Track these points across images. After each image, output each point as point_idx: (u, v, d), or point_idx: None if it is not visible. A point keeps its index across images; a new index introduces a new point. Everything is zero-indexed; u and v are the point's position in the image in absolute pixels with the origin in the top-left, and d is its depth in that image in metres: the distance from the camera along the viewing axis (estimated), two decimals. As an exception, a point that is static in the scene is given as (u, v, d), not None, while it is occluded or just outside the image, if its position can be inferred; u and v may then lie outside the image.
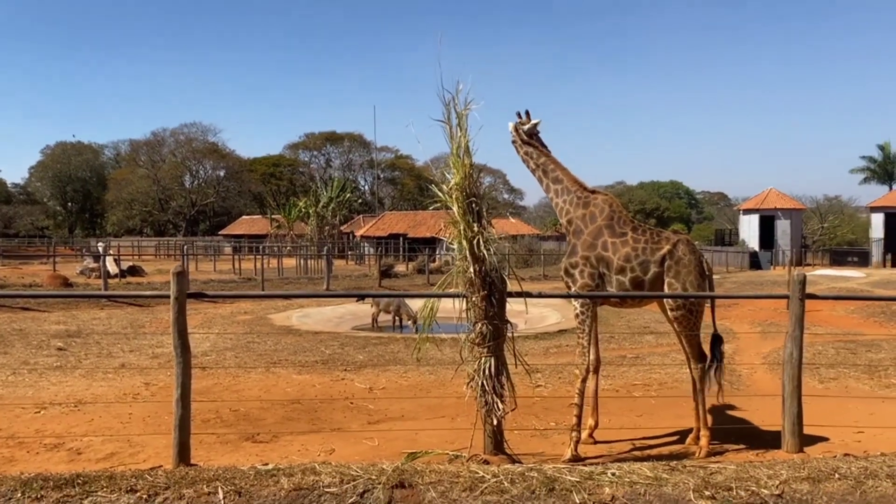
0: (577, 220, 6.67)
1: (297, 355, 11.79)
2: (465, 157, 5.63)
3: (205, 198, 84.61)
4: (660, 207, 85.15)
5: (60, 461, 6.12)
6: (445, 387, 9.01)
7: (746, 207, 54.53)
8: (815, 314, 16.32)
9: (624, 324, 15.28)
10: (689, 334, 6.49)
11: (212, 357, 11.44)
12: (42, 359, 11.09)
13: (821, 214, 64.57)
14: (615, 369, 10.40)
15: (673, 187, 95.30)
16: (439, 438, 6.64)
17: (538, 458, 6.00)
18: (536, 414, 7.81)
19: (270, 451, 6.49)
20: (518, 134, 6.91)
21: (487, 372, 5.53)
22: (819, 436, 6.63)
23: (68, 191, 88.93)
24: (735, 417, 7.75)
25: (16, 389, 8.97)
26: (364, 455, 6.18)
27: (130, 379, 9.65)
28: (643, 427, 7.34)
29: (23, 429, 7.14)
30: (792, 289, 5.88)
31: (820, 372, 10.11)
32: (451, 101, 5.57)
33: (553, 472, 4.58)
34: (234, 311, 18.09)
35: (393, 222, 58.37)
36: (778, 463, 4.99)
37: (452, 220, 5.70)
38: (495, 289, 5.62)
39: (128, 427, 7.26)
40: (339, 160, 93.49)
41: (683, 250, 6.40)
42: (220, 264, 38.79)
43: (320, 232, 42.36)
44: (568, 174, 6.81)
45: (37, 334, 13.74)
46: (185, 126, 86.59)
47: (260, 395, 8.88)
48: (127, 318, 16.43)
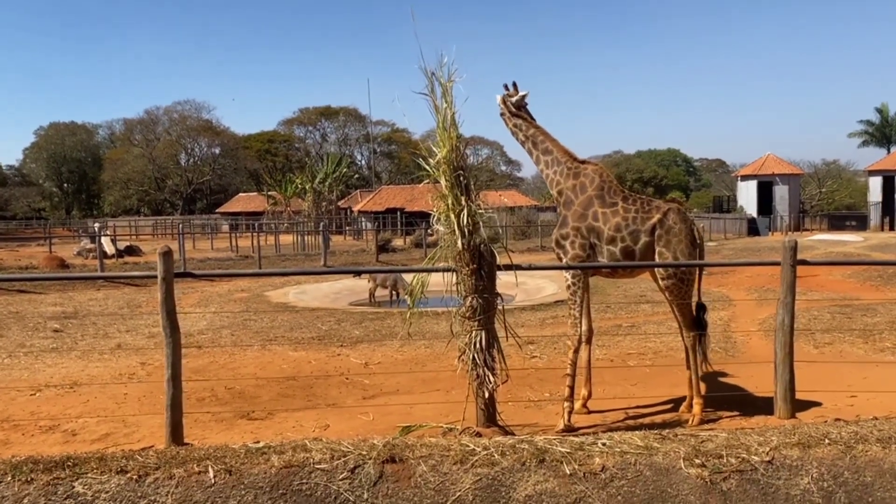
0: (567, 190, 6.62)
1: (294, 332, 11.80)
2: (452, 130, 5.55)
3: (201, 176, 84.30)
4: (657, 175, 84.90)
5: (55, 443, 6.14)
6: (440, 360, 9.02)
7: (744, 174, 54.34)
8: (811, 279, 16.33)
9: (620, 293, 15.29)
10: (680, 303, 6.47)
11: (208, 335, 11.45)
12: (38, 341, 11.10)
13: (819, 179, 64.42)
14: (610, 339, 10.42)
15: (670, 155, 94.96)
16: (434, 412, 6.66)
17: (532, 428, 6.02)
18: (531, 385, 7.83)
19: (265, 428, 6.51)
20: (506, 106, 6.83)
21: (478, 345, 5.52)
22: (812, 401, 6.65)
23: (64, 172, 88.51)
24: (729, 385, 7.78)
25: (11, 372, 8.98)
26: (358, 430, 6.19)
27: (126, 359, 9.66)
28: (637, 396, 7.36)
29: (18, 411, 7.15)
30: (783, 255, 5.85)
31: (815, 337, 10.13)
32: (433, 74, 5.48)
33: (544, 444, 4.58)
34: (230, 288, 18.09)
35: (390, 196, 58.23)
36: (769, 429, 4.99)
37: (440, 194, 5.65)
38: (484, 262, 5.58)
39: (123, 407, 7.28)
40: (335, 135, 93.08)
41: (674, 219, 6.36)
42: (217, 242, 38.78)
43: (317, 208, 42.10)
44: (558, 145, 6.75)
45: (33, 316, 13.74)
46: (179, 104, 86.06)
47: (256, 372, 8.89)
48: (123, 299, 16.43)
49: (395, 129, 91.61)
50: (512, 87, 6.88)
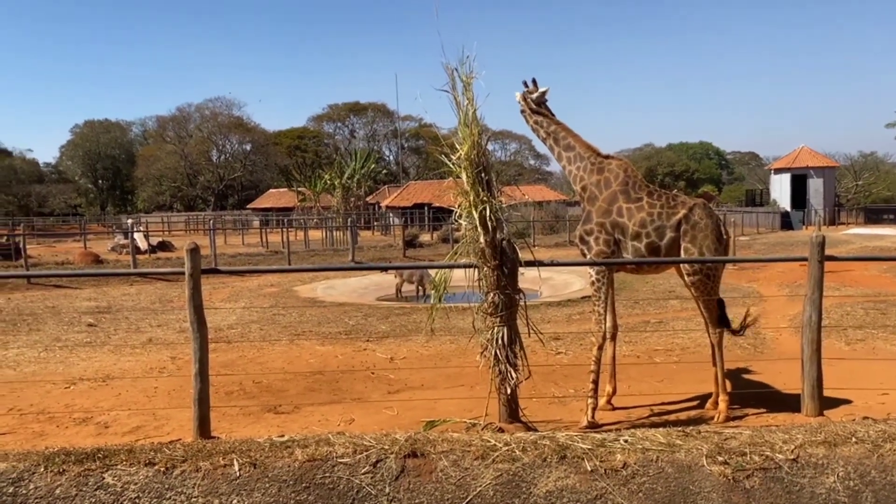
0: (591, 186, 6.58)
1: (321, 326, 11.91)
2: (473, 127, 5.56)
3: (232, 172, 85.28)
4: (689, 169, 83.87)
5: (88, 435, 6.29)
6: (465, 356, 9.04)
7: (778, 167, 53.44)
8: (845, 274, 16.03)
9: (648, 288, 15.16)
10: (706, 299, 6.41)
11: (237, 330, 11.61)
12: (73, 335, 11.36)
13: (855, 172, 63.02)
14: (637, 335, 10.35)
15: (702, 148, 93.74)
16: (457, 407, 6.69)
17: (555, 424, 6.02)
18: (556, 381, 7.82)
19: (291, 422, 6.60)
20: (527, 103, 6.81)
21: (500, 341, 5.54)
22: (841, 398, 6.56)
23: (98, 168, 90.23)
24: (757, 381, 7.69)
25: (47, 365, 9.21)
26: (383, 424, 6.25)
27: (157, 353, 9.84)
28: (663, 392, 7.31)
29: (53, 404, 7.34)
30: (810, 251, 5.76)
31: (847, 333, 9.95)
32: (455, 70, 5.49)
33: (565, 440, 4.58)
34: (260, 283, 18.31)
35: (417, 192, 58.36)
36: (795, 427, 4.93)
37: (462, 191, 5.66)
38: (507, 259, 5.59)
39: (153, 401, 7.43)
40: (363, 131, 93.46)
41: (700, 214, 6.30)
42: (248, 238, 39.25)
43: (346, 203, 42.32)
44: (580, 140, 6.72)
45: (68, 311, 14.06)
46: (210, 101, 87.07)
47: (283, 366, 9.01)
48: (156, 294, 16.73)
49: (422, 125, 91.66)
50: (532, 84, 6.86)
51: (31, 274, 8.75)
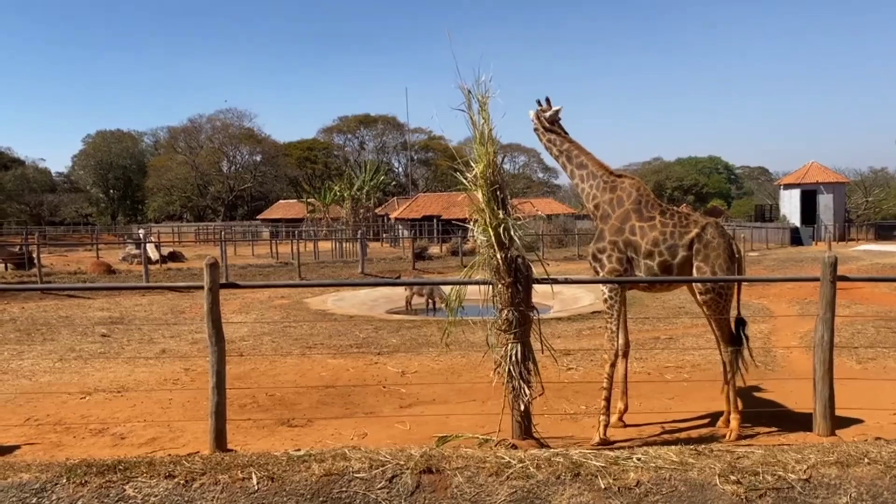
0: (604, 204, 6.65)
1: (332, 339, 11.98)
2: (489, 146, 5.64)
3: (242, 183, 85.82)
4: (698, 183, 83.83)
5: (105, 446, 6.37)
6: (476, 370, 9.10)
7: (787, 182, 53.35)
8: (856, 291, 15.99)
9: (658, 304, 15.17)
10: (718, 318, 6.45)
11: (249, 342, 11.70)
12: (87, 345, 11.47)
13: (865, 187, 62.88)
14: (648, 352, 10.37)
15: (711, 162, 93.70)
16: (470, 422, 6.73)
17: (567, 441, 6.05)
18: (567, 397, 7.85)
19: (305, 435, 6.66)
20: (540, 122, 6.90)
21: (514, 358, 5.59)
22: (853, 418, 6.57)
23: (110, 178, 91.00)
24: (768, 400, 7.69)
25: (62, 376, 9.31)
26: (396, 439, 6.30)
27: (171, 365, 9.93)
28: (674, 410, 7.34)
29: (69, 414, 7.43)
30: (823, 271, 5.79)
31: (858, 352, 9.95)
32: (470, 91, 5.58)
33: (579, 457, 4.62)
34: (271, 295, 18.40)
35: (427, 204, 58.53)
36: (807, 447, 4.95)
37: (477, 208, 5.74)
38: (521, 275, 5.65)
39: (168, 412, 7.50)
40: (373, 143, 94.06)
41: (712, 233, 6.35)
42: (258, 248, 39.42)
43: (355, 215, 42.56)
44: (592, 158, 6.79)
45: (82, 321, 14.18)
46: (221, 112, 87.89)
47: (295, 379, 9.07)
48: (168, 304, 16.85)
49: (432, 137, 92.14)
50: (545, 103, 6.95)
51: (50, 287, 8.88)
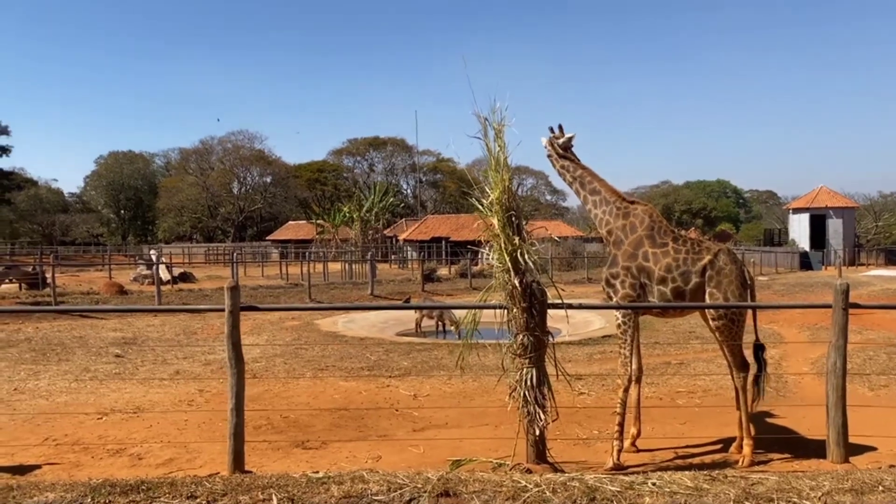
0: (617, 230, 6.74)
1: (344, 361, 12.05)
2: (504, 172, 5.75)
3: (252, 204, 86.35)
4: (707, 207, 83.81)
5: (123, 466, 6.44)
6: (489, 394, 9.14)
7: (796, 206, 53.36)
8: (867, 317, 15.95)
9: (669, 329, 15.18)
10: (731, 344, 6.50)
11: (262, 364, 11.78)
12: (101, 366, 11.57)
13: (875, 212, 62.80)
14: (659, 376, 10.39)
15: (720, 186, 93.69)
16: (483, 446, 6.78)
17: (581, 466, 6.09)
18: (580, 422, 7.89)
19: (320, 457, 6.71)
20: (553, 148, 7.03)
21: (529, 383, 5.65)
22: (867, 445, 6.58)
23: (121, 199, 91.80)
24: (781, 426, 7.70)
25: (79, 396, 9.40)
26: (410, 462, 6.35)
27: (185, 386, 10.01)
28: (686, 435, 7.36)
29: (87, 435, 7.51)
30: (835, 298, 5.85)
31: (870, 379, 9.94)
32: (487, 119, 5.72)
33: (594, 482, 4.67)
34: (282, 317, 18.49)
35: (435, 226, 58.75)
36: (821, 474, 4.99)
37: (493, 234, 5.84)
38: (536, 300, 5.73)
39: (184, 433, 7.57)
40: (382, 164, 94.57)
41: (724, 260, 6.43)
42: (267, 269, 39.61)
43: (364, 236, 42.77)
44: (605, 185, 6.89)
45: (95, 341, 14.31)
46: (233, 134, 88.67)
47: (309, 401, 9.13)
48: (180, 325, 16.96)
49: (440, 159, 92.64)
50: (558, 130, 7.08)
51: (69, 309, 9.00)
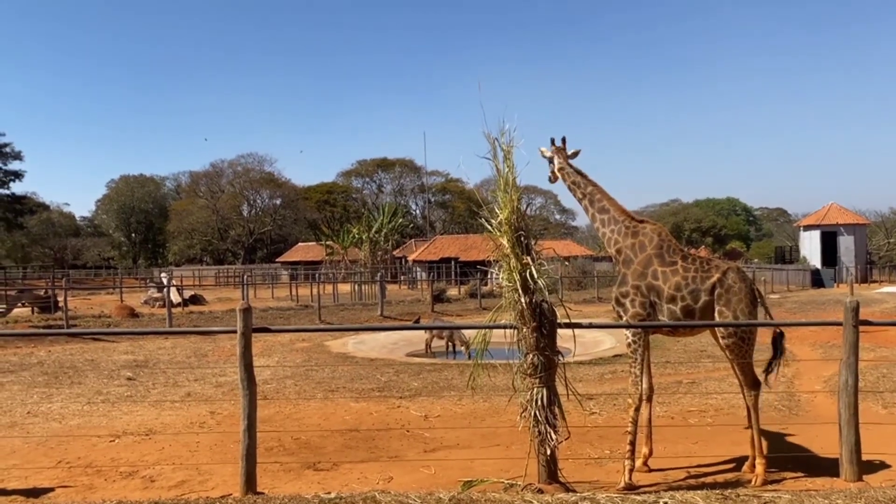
0: (626, 249, 6.76)
1: (354, 382, 12.06)
2: (513, 193, 5.81)
3: (262, 226, 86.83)
4: (716, 225, 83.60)
5: (136, 488, 6.47)
6: (500, 415, 9.13)
7: (807, 223, 53.18)
8: (880, 335, 15.85)
9: (680, 348, 15.13)
10: (741, 362, 6.49)
11: (272, 386, 11.80)
12: (113, 388, 11.63)
13: (886, 229, 62.44)
14: (670, 396, 10.35)
15: (730, 204, 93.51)
16: (494, 467, 6.77)
17: (593, 486, 6.07)
18: (591, 442, 7.86)
19: (331, 479, 6.72)
20: (566, 161, 7.05)
21: (540, 402, 5.66)
22: (881, 463, 6.54)
23: (132, 222, 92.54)
24: (793, 444, 7.66)
25: (91, 419, 9.45)
26: (421, 483, 6.35)
27: (196, 408, 10.05)
28: (698, 455, 7.32)
29: (99, 457, 7.54)
30: (845, 316, 5.85)
31: (884, 397, 9.87)
32: (496, 140, 5.79)
33: (606, 502, 4.67)
34: (292, 338, 18.54)
35: (444, 246, 58.86)
36: (834, 492, 4.97)
37: (502, 254, 5.88)
38: (545, 320, 5.75)
39: (196, 455, 7.60)
40: (391, 185, 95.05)
41: (734, 278, 6.43)
42: (277, 291, 39.73)
43: (373, 257, 42.92)
44: (615, 204, 6.92)
45: (107, 364, 14.38)
46: (242, 157, 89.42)
47: (319, 423, 9.15)
48: (191, 347, 17.02)
49: (449, 179, 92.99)
50: (560, 143, 7.12)
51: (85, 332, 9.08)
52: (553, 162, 7.20)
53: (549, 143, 7.23)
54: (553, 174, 7.26)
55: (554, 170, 7.22)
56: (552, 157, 7.19)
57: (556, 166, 7.18)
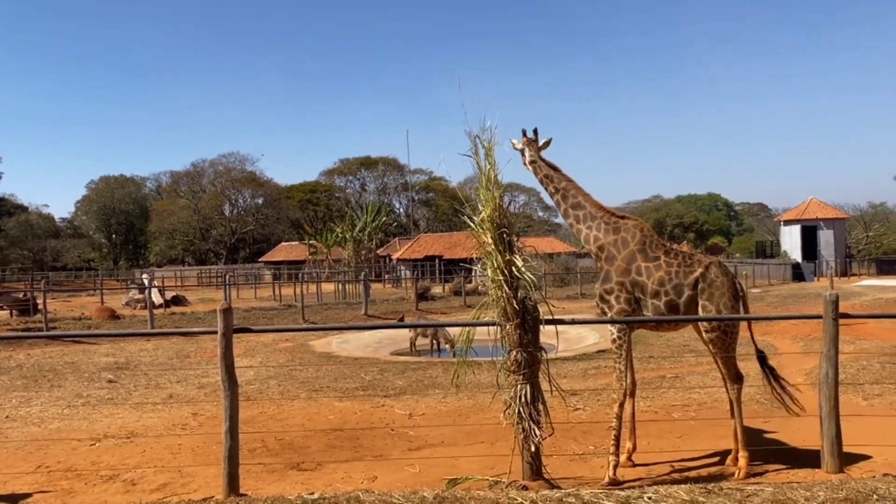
0: (609, 246, 6.74)
1: (338, 382, 12.00)
2: (495, 190, 5.80)
3: (244, 226, 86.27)
4: (698, 221, 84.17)
5: (116, 492, 6.38)
6: (484, 412, 9.12)
7: (787, 218, 53.67)
8: (860, 327, 16.03)
9: (663, 343, 15.20)
10: (724, 356, 6.53)
11: (255, 386, 11.72)
12: (94, 391, 11.49)
13: (865, 223, 63.23)
14: (654, 390, 10.39)
15: (711, 200, 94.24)
16: (479, 464, 6.76)
17: (577, 482, 6.07)
18: (575, 438, 7.87)
19: (315, 479, 6.67)
20: (538, 154, 6.96)
21: (523, 399, 5.66)
22: (861, 454, 6.60)
23: (112, 223, 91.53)
24: (776, 438, 7.72)
25: (71, 422, 9.33)
26: (406, 482, 6.32)
27: (178, 410, 9.95)
28: (682, 449, 7.36)
29: (80, 461, 7.44)
30: (825, 309, 5.90)
31: (864, 389, 9.97)
32: (478, 137, 5.78)
33: (590, 498, 4.67)
34: (275, 338, 18.42)
35: (428, 244, 58.77)
36: (816, 484, 5.00)
37: (485, 251, 5.86)
38: (528, 316, 5.75)
39: (178, 458, 7.52)
40: (374, 184, 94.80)
41: (716, 273, 6.46)
42: (260, 291, 39.47)
43: (357, 256, 42.81)
44: (590, 199, 6.86)
45: (88, 367, 14.21)
46: (224, 156, 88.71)
47: (303, 423, 9.09)
48: (173, 349, 16.87)
49: (432, 178, 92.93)
50: (532, 134, 7.01)
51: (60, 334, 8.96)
52: (524, 154, 7.06)
53: (521, 135, 7.12)
54: (525, 166, 7.16)
55: (525, 162, 7.09)
56: (523, 148, 7.08)
57: (527, 159, 7.04)
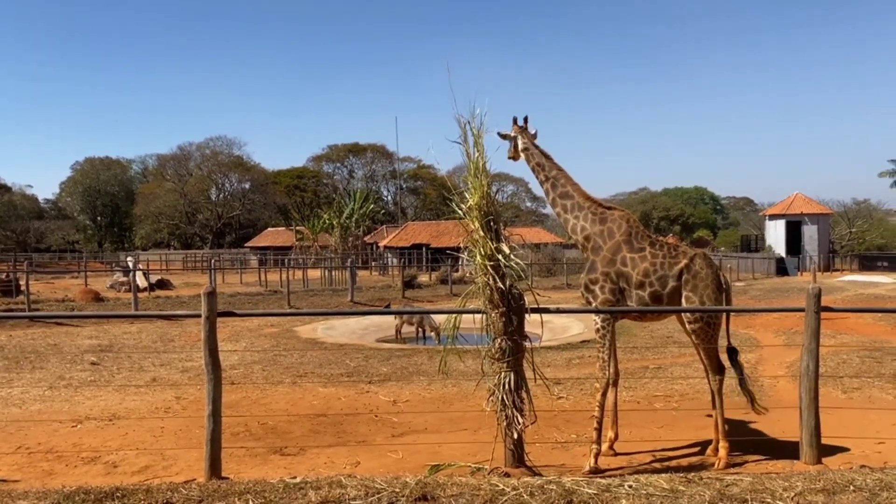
0: (595, 236, 6.75)
1: (323, 368, 12.00)
2: (483, 178, 5.79)
3: (230, 210, 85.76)
4: (684, 214, 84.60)
5: (98, 474, 6.36)
6: (468, 399, 9.16)
7: (772, 213, 54.08)
8: (840, 322, 16.20)
9: (647, 334, 15.30)
10: (706, 347, 6.58)
11: (240, 371, 11.70)
12: (76, 373, 11.43)
13: (849, 219, 63.83)
14: (637, 381, 10.47)
15: (697, 193, 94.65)
16: (462, 451, 6.78)
17: (559, 470, 6.11)
18: (558, 426, 7.92)
19: (298, 464, 6.68)
20: (531, 141, 6.95)
21: (507, 386, 5.68)
22: (839, 446, 6.68)
23: (97, 205, 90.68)
24: (756, 429, 7.80)
25: (53, 404, 9.28)
26: (389, 468, 6.34)
27: (162, 393, 9.92)
28: (664, 439, 7.42)
29: (61, 443, 7.41)
30: (807, 302, 5.95)
31: (843, 382, 10.09)
32: (468, 124, 5.76)
33: (571, 485, 4.70)
34: (260, 323, 18.39)
35: (416, 232, 58.74)
36: (794, 475, 5.06)
37: (472, 239, 5.86)
38: (514, 305, 5.76)
39: (160, 441, 7.50)
40: (362, 171, 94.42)
41: (700, 264, 6.50)
42: (246, 276, 39.30)
43: (344, 243, 42.69)
44: (579, 190, 6.87)
45: (70, 349, 14.12)
46: (211, 140, 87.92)
47: (287, 408, 9.09)
48: (157, 332, 16.79)
49: (421, 166, 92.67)
50: (523, 122, 7.01)
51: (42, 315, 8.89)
52: (517, 141, 7.03)
53: (511, 123, 7.11)
54: (515, 153, 7.13)
55: (518, 149, 7.05)
56: (516, 136, 7.06)
57: (520, 146, 7.01)
